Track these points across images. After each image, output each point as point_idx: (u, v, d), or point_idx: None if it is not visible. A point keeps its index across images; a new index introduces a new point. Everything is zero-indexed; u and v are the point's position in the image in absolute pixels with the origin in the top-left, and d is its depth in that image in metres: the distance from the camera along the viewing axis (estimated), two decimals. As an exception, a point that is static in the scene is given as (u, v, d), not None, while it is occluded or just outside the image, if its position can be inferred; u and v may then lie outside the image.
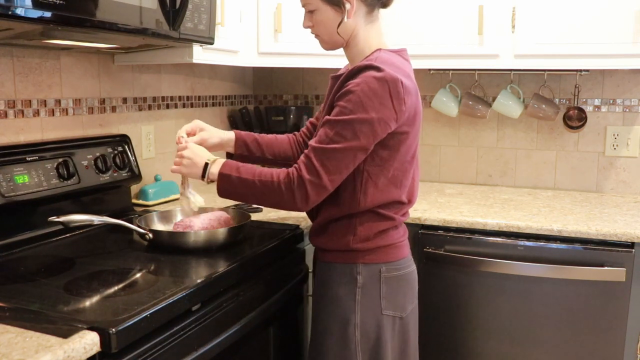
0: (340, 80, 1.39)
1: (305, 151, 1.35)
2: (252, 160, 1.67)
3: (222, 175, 1.40)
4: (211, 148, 1.59)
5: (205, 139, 1.58)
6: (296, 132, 1.77)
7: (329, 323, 1.47)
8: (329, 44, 1.47)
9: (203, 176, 1.44)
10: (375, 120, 1.30)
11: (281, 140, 1.71)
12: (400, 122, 1.34)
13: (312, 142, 1.35)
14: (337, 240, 1.45)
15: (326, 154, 1.31)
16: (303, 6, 1.45)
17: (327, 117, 1.35)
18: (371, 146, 1.34)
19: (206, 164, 1.43)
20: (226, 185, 1.40)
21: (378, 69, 1.31)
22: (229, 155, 1.69)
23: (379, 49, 1.41)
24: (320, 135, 1.34)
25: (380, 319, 1.45)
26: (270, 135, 1.71)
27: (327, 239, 1.47)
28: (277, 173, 1.35)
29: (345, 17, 1.39)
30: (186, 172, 1.47)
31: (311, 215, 1.54)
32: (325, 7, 1.40)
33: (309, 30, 1.48)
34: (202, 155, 1.45)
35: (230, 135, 1.65)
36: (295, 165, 1.35)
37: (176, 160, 1.47)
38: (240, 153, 1.66)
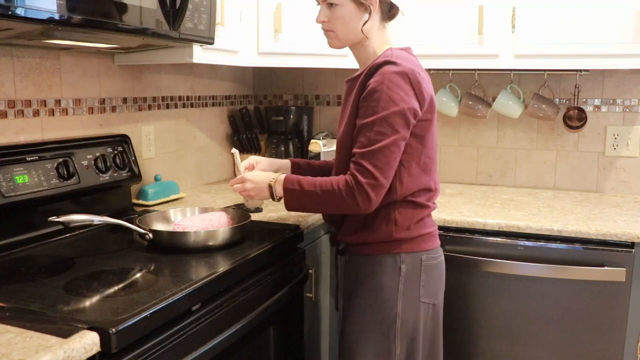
0: (361, 81, 1.46)
1: (353, 159, 1.41)
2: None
3: (287, 191, 1.49)
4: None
5: (264, 169, 1.69)
6: None
7: (368, 314, 1.51)
8: (341, 42, 1.51)
9: (272, 197, 1.54)
10: (406, 110, 1.38)
11: (332, 164, 1.75)
12: (424, 110, 1.43)
13: (356, 150, 1.41)
14: (379, 232, 1.50)
15: (374, 154, 1.38)
16: (323, 0, 1.49)
17: (362, 121, 1.41)
18: (408, 134, 1.41)
19: (270, 186, 1.52)
20: (292, 199, 1.49)
21: (395, 63, 1.40)
22: None
23: (390, 48, 1.50)
24: (362, 140, 1.40)
25: (418, 306, 1.52)
26: (322, 161, 1.83)
27: (368, 232, 1.51)
28: (337, 181, 1.42)
29: (369, 16, 1.45)
30: (258, 198, 1.58)
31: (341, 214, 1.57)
32: (348, 3, 1.45)
33: (321, 25, 1.51)
34: (263, 180, 1.55)
35: (286, 163, 1.76)
36: (350, 172, 1.41)
37: (243, 193, 1.58)
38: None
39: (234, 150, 1.71)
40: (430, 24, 2.23)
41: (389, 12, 1.52)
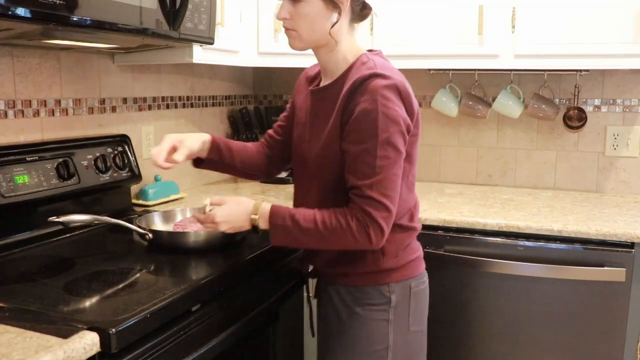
0: (344, 96, 1.29)
1: (357, 192, 1.25)
2: (221, 167, 1.57)
3: (276, 227, 1.30)
4: (195, 154, 1.50)
5: (190, 148, 1.45)
6: (260, 142, 1.66)
7: (358, 348, 1.40)
8: (304, 43, 1.34)
9: (256, 231, 1.35)
10: (403, 126, 1.26)
11: (250, 149, 1.61)
12: (413, 125, 1.32)
13: (360, 182, 1.25)
14: (364, 262, 1.37)
15: (383, 184, 1.24)
16: None
17: (358, 147, 1.25)
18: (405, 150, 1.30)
19: (253, 225, 1.33)
20: (282, 236, 1.30)
21: (383, 76, 1.26)
22: (197, 161, 1.56)
23: (364, 53, 1.36)
24: (364, 170, 1.24)
25: (408, 336, 1.43)
26: (239, 143, 1.60)
27: (352, 263, 1.38)
28: (344, 217, 1.25)
29: (338, 17, 1.29)
30: (228, 223, 1.35)
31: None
32: (316, 1, 1.28)
33: (282, 23, 1.34)
34: (240, 219, 1.34)
35: (207, 137, 1.52)
36: (358, 207, 1.25)
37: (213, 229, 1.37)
38: (211, 157, 1.53)
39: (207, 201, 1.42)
40: (430, 24, 2.23)
41: (361, 12, 1.35)
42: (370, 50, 1.40)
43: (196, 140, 1.48)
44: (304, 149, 1.42)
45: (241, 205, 1.35)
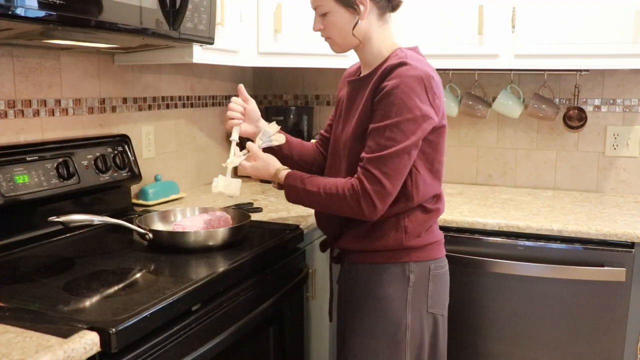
0: (374, 82, 1.39)
1: (361, 164, 1.36)
2: (278, 155, 1.66)
3: (288, 187, 1.45)
4: (246, 133, 1.66)
5: (249, 127, 1.64)
6: (316, 140, 1.78)
7: (376, 326, 1.46)
8: (341, 47, 1.47)
9: (273, 181, 1.51)
10: (419, 117, 1.33)
11: (307, 146, 1.73)
12: (439, 116, 1.38)
13: (365, 154, 1.35)
14: (387, 239, 1.44)
15: (382, 160, 1.32)
16: (314, 9, 1.45)
17: (373, 125, 1.35)
18: (420, 141, 1.36)
19: (275, 173, 1.49)
20: (293, 195, 1.46)
21: (410, 65, 1.34)
22: None
23: (399, 48, 1.44)
24: (371, 145, 1.35)
25: (426, 317, 1.47)
26: (298, 139, 1.73)
27: (374, 239, 1.45)
28: (342, 185, 1.37)
29: (359, 18, 1.39)
30: (255, 175, 1.53)
31: (346, 221, 1.50)
32: (338, 9, 1.40)
33: (319, 33, 1.48)
34: (272, 163, 1.51)
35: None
36: (356, 176, 1.36)
37: (244, 164, 1.52)
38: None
39: (234, 138, 1.59)
40: (430, 24, 2.23)
41: (389, 3, 1.44)
42: (411, 48, 1.48)
43: (256, 121, 1.66)
44: (337, 134, 1.52)
45: (271, 164, 1.52)
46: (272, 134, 1.59)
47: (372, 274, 1.47)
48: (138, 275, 1.38)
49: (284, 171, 1.49)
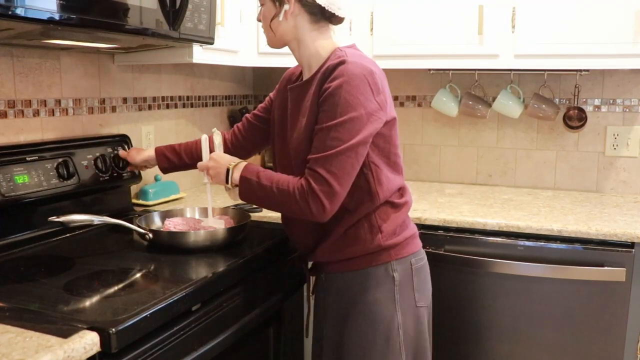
0: (317, 83, 1.37)
1: (308, 165, 1.33)
2: (181, 168, 1.78)
3: (243, 179, 1.40)
4: (140, 168, 1.88)
5: (134, 165, 1.84)
6: (232, 130, 1.79)
7: (369, 331, 1.43)
8: (272, 41, 1.47)
9: (227, 181, 1.43)
10: (364, 115, 1.31)
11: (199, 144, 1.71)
12: (387, 110, 1.37)
13: (311, 155, 1.33)
14: (364, 243, 1.41)
15: (329, 160, 1.30)
16: None
17: (318, 126, 1.33)
18: (369, 139, 1.34)
19: (227, 170, 1.43)
20: (247, 190, 1.40)
21: (351, 63, 1.33)
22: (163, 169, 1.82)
23: (338, 47, 1.42)
24: (317, 145, 1.33)
25: (416, 312, 1.47)
26: (191, 142, 1.77)
27: (351, 246, 1.42)
28: (293, 182, 1.33)
29: (281, 16, 1.39)
30: (215, 181, 1.48)
31: (317, 233, 1.46)
32: (267, 2, 1.42)
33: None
34: (223, 163, 1.46)
35: (151, 152, 1.79)
36: (304, 177, 1.33)
37: (207, 172, 1.51)
38: (164, 166, 1.78)
39: (215, 131, 1.60)
40: (430, 24, 2.23)
41: (322, 14, 1.40)
42: (348, 46, 1.46)
43: (139, 160, 1.83)
44: (286, 139, 1.48)
45: (229, 157, 1.49)
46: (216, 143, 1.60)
47: (355, 281, 1.44)
48: (138, 275, 1.38)
49: (242, 163, 1.44)
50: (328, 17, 1.42)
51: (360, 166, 1.35)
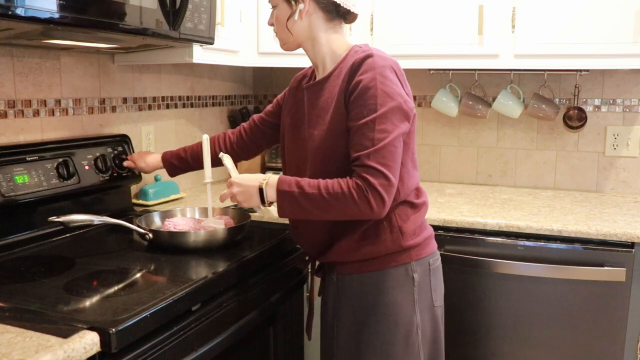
0: (344, 79, 1.35)
1: (357, 162, 1.29)
2: (188, 169, 1.82)
3: (282, 193, 1.32)
4: (150, 172, 1.91)
5: (141, 168, 1.88)
6: (238, 129, 1.78)
7: (388, 332, 1.41)
8: (286, 44, 1.45)
9: (263, 202, 1.37)
10: (402, 103, 1.32)
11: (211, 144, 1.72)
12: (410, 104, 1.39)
13: (359, 153, 1.29)
14: (384, 243, 1.39)
15: (380, 153, 1.28)
16: (269, 2, 1.45)
17: (358, 122, 1.30)
18: (409, 127, 1.36)
19: (260, 189, 1.36)
20: (289, 204, 1.32)
21: (379, 56, 1.34)
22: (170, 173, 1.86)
23: (355, 45, 1.42)
24: (363, 142, 1.29)
25: (434, 312, 1.47)
26: (195, 146, 1.79)
27: (372, 247, 1.40)
28: (345, 183, 1.28)
29: (297, 15, 1.38)
30: (248, 205, 1.41)
31: (334, 232, 1.43)
32: (281, 3, 1.40)
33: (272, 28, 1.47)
34: (252, 183, 1.38)
35: (157, 161, 1.85)
36: (357, 176, 1.28)
37: (232, 199, 1.43)
38: (172, 174, 1.84)
39: (223, 155, 1.57)
40: (430, 24, 2.23)
41: (337, 12, 1.40)
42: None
43: (149, 171, 1.89)
44: (303, 140, 1.44)
45: (255, 175, 1.42)
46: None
47: (373, 281, 1.41)
48: (138, 275, 1.38)
49: (273, 177, 1.36)
50: (342, 15, 1.42)
51: None
